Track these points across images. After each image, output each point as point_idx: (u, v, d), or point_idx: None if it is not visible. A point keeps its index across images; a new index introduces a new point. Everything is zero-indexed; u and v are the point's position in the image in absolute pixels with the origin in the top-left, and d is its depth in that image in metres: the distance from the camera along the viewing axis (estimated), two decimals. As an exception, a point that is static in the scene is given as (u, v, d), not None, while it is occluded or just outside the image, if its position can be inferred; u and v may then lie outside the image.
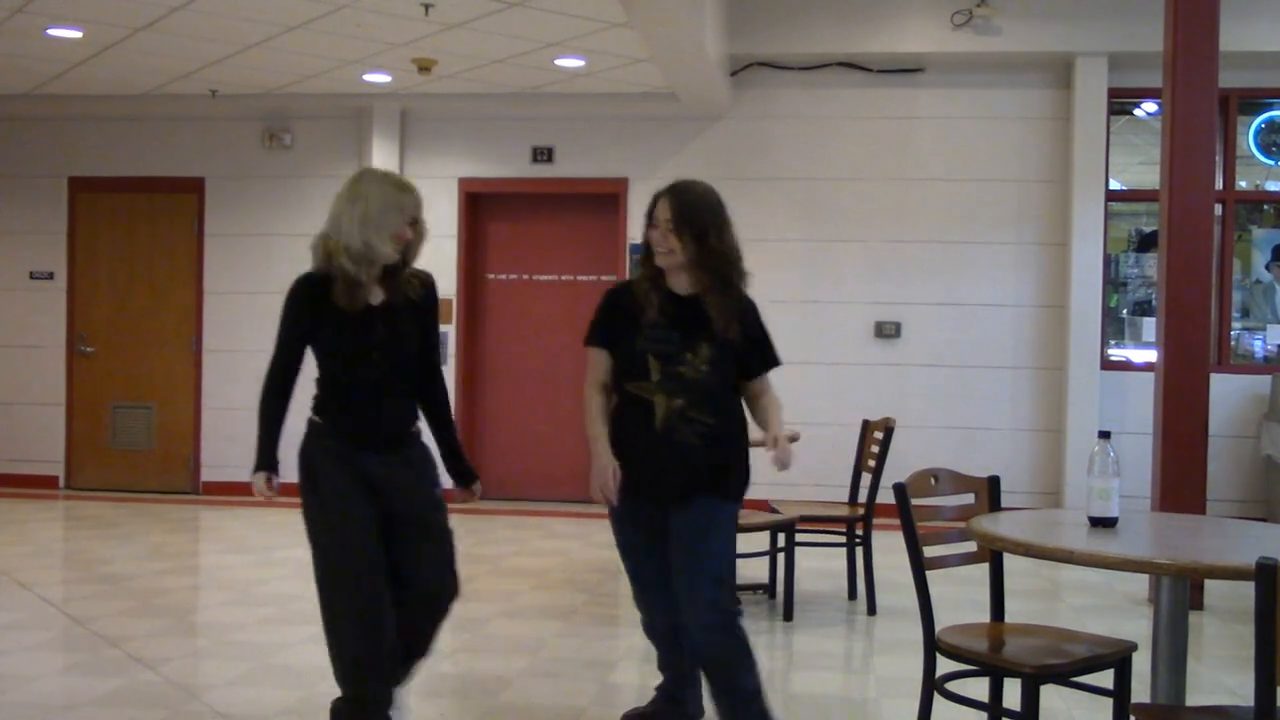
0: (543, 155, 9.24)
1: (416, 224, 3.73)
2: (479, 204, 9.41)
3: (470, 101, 9.03)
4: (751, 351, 3.78)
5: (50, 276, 9.75)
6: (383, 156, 9.20)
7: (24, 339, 9.76)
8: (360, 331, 3.66)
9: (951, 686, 3.50)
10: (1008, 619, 3.75)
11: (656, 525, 3.75)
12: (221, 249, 9.47)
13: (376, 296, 3.70)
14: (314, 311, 3.69)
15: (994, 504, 3.73)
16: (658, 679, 4.85)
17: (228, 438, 9.38)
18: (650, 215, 3.75)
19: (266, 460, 3.72)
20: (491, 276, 9.48)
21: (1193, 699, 3.45)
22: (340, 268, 3.63)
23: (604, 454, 3.71)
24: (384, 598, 3.68)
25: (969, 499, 3.78)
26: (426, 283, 3.85)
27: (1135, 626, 5.34)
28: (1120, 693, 3.40)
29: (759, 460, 8.05)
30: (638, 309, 3.73)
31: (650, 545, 3.79)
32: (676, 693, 4.08)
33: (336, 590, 3.68)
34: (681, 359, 3.65)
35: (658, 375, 3.65)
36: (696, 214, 3.71)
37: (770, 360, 3.84)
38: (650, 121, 9.05)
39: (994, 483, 3.78)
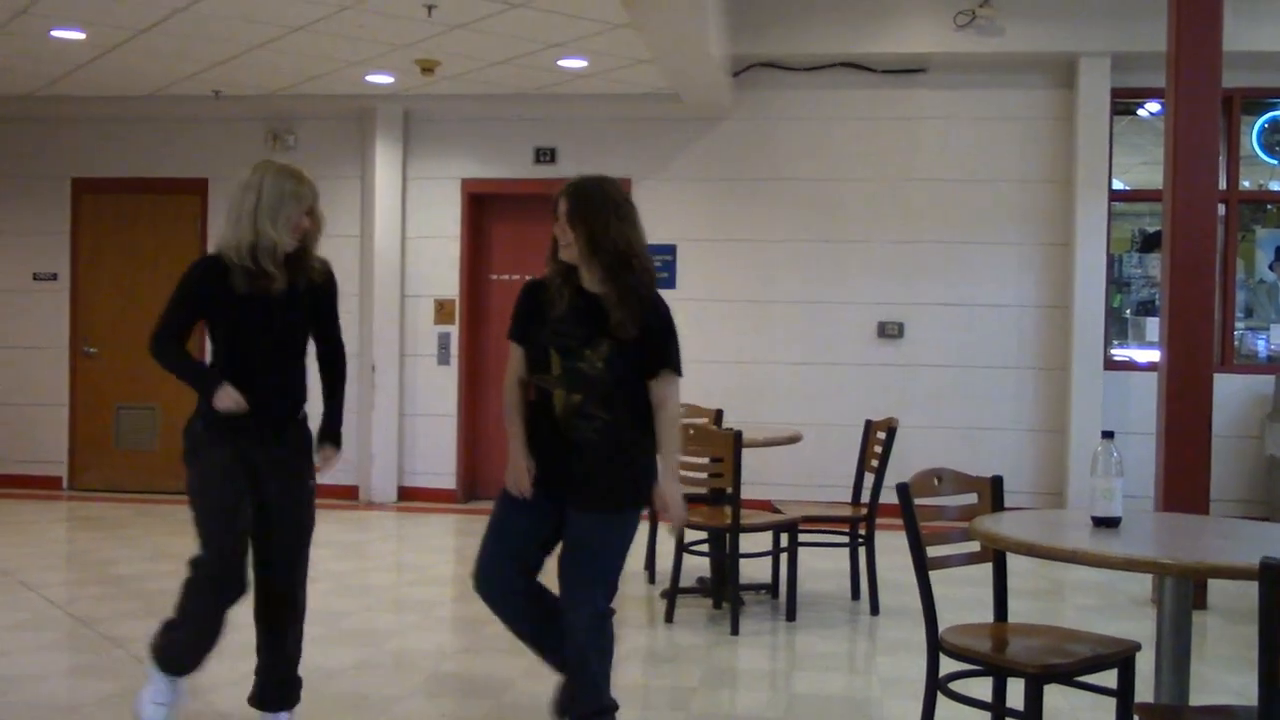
0: (545, 156, 9.24)
1: (313, 214, 3.82)
2: (481, 205, 9.41)
3: (473, 102, 9.03)
4: (649, 352, 3.69)
5: (54, 278, 9.76)
6: (386, 157, 9.21)
7: (28, 340, 9.77)
8: (258, 317, 3.77)
9: (955, 687, 3.50)
10: (1011, 619, 3.74)
11: (548, 514, 3.72)
12: (225, 250, 9.48)
13: (277, 284, 3.77)
14: (210, 295, 3.80)
15: (997, 504, 3.73)
16: (660, 678, 4.85)
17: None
18: (554, 209, 3.77)
19: (214, 381, 3.79)
20: (494, 277, 9.49)
21: (1196, 699, 3.45)
22: (235, 258, 3.74)
23: (518, 452, 3.73)
24: (244, 561, 3.79)
25: (972, 499, 3.78)
26: (325, 271, 3.96)
27: (1138, 626, 5.34)
28: (1124, 693, 3.40)
29: (766, 459, 8.06)
30: (549, 304, 3.73)
31: (532, 529, 3.74)
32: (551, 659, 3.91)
33: (208, 549, 3.76)
34: (580, 355, 3.64)
35: (558, 369, 3.66)
36: (590, 207, 3.74)
37: (666, 360, 3.72)
38: (653, 122, 9.05)
39: (997, 482, 3.78)
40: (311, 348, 4.00)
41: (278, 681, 3.92)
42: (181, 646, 3.87)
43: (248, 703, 3.95)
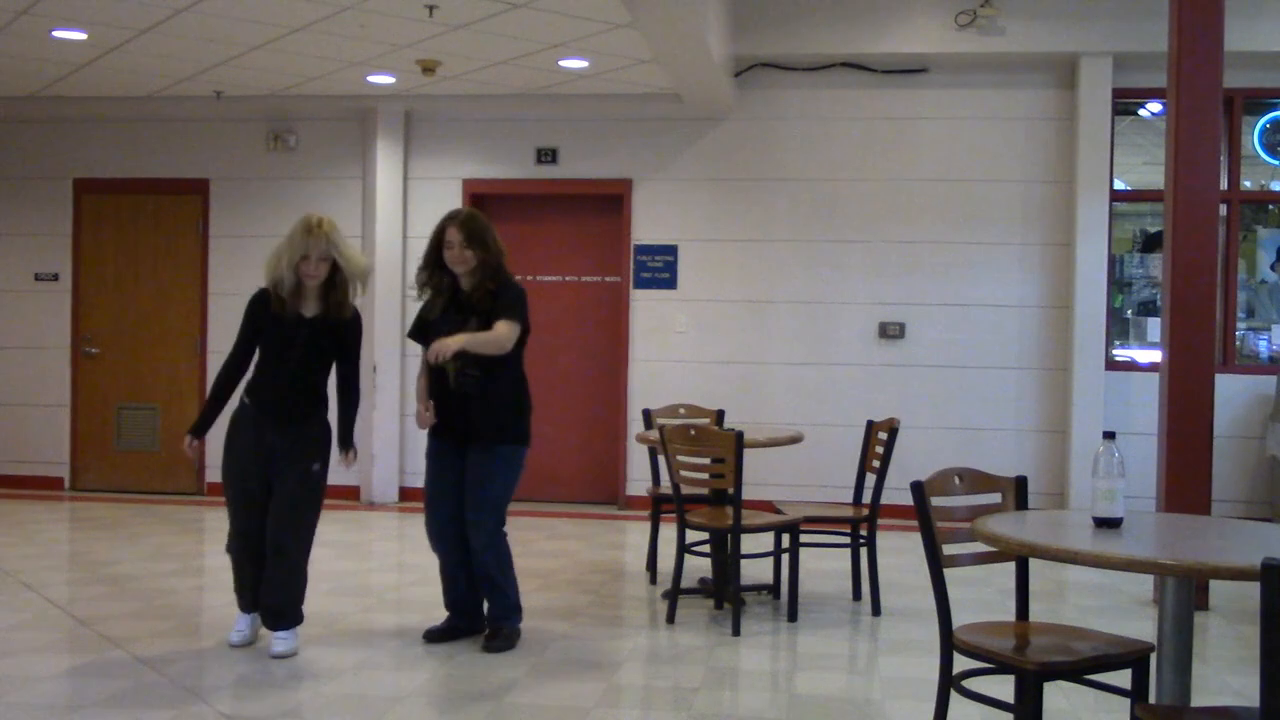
0: (547, 156, 9.24)
1: (308, 260, 4.87)
2: (483, 205, 9.40)
3: (474, 102, 9.03)
4: (496, 312, 5.05)
5: (55, 278, 9.77)
6: (387, 158, 9.21)
7: (29, 340, 9.78)
8: (282, 333, 4.96)
9: (967, 685, 3.49)
10: (1011, 619, 3.74)
11: (453, 461, 5.13)
12: (226, 250, 9.49)
13: (310, 310, 4.99)
14: (255, 316, 5.03)
15: (1021, 504, 3.73)
16: (661, 679, 4.86)
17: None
18: (444, 241, 5.06)
19: (199, 427, 5.10)
20: (495, 277, 9.47)
21: (1198, 700, 3.44)
22: (272, 289, 4.99)
23: (420, 400, 5.20)
24: (261, 526, 5.01)
25: (987, 499, 3.77)
26: (353, 315, 5.07)
27: (1140, 627, 5.33)
28: (1137, 693, 3.39)
29: (767, 459, 8.07)
30: (430, 308, 5.16)
31: (447, 477, 5.14)
32: (456, 618, 5.29)
33: (231, 509, 5.10)
34: (458, 331, 4.94)
35: None
36: (485, 234, 5.10)
37: (503, 312, 5.04)
38: (654, 122, 9.05)
39: (1021, 483, 3.77)
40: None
41: (271, 610, 5.03)
42: (235, 586, 5.18)
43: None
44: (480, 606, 5.27)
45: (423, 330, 5.17)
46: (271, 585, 5.02)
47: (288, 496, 4.97)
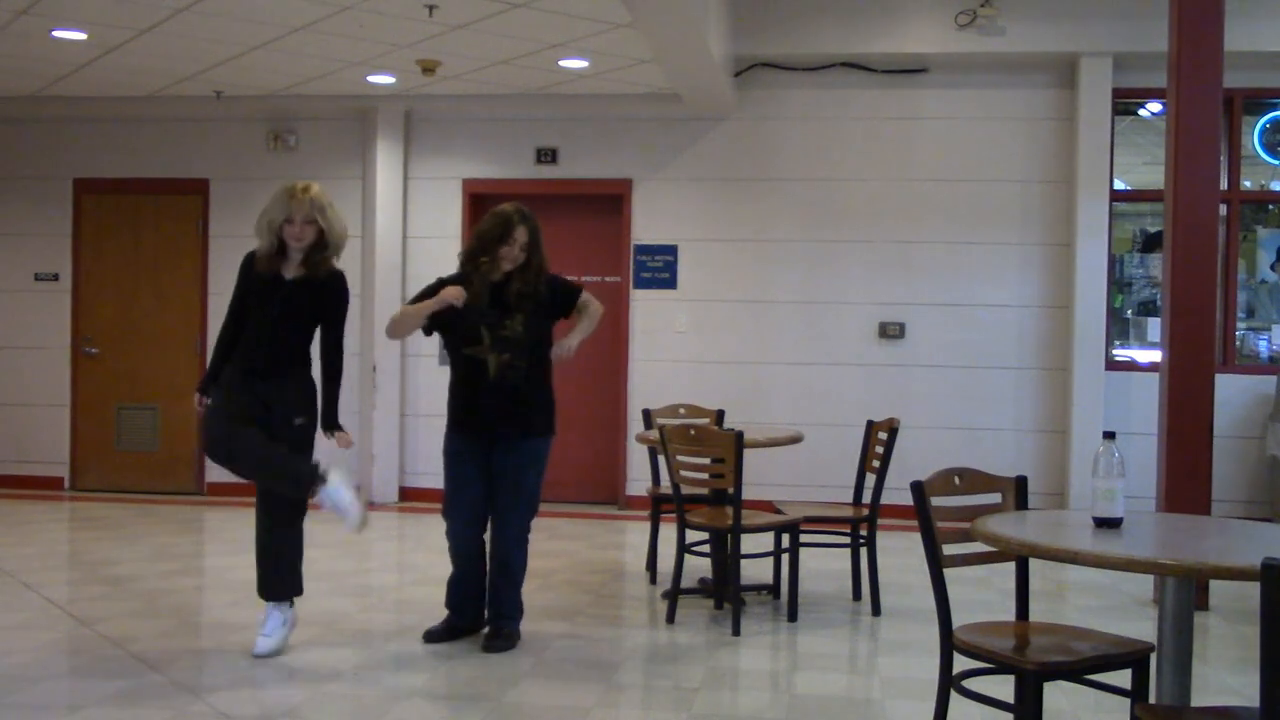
0: (546, 156, 9.24)
1: (292, 222, 4.87)
2: (483, 205, 9.38)
3: (474, 102, 9.03)
4: (559, 302, 5.20)
5: (55, 278, 9.77)
6: (387, 158, 9.21)
7: (29, 340, 9.78)
8: (266, 292, 4.95)
9: (967, 685, 3.49)
10: (1011, 619, 3.74)
11: (479, 460, 5.10)
12: (226, 250, 9.47)
13: (291, 271, 4.96)
14: (245, 276, 5.05)
15: (1021, 504, 3.73)
16: (662, 679, 4.86)
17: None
18: (510, 237, 5.07)
19: (206, 384, 5.07)
20: (495, 277, 9.47)
21: (1198, 700, 3.44)
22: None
23: (430, 303, 5.06)
24: (259, 439, 4.90)
25: (987, 499, 3.77)
26: (333, 275, 4.99)
27: (1140, 627, 5.33)
28: (1137, 693, 3.39)
29: (767, 459, 8.07)
30: (479, 296, 5.07)
31: (471, 475, 5.11)
32: (456, 618, 5.25)
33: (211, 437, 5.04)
34: (503, 325, 5.02)
35: (489, 339, 5.02)
36: (538, 235, 5.17)
37: (575, 294, 5.27)
38: (654, 122, 9.05)
39: (1021, 483, 3.77)
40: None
41: (263, 576, 5.01)
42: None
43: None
44: (483, 606, 5.25)
45: (446, 316, 5.05)
46: (265, 548, 5.02)
47: (276, 436, 4.90)
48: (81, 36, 7.36)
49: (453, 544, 5.21)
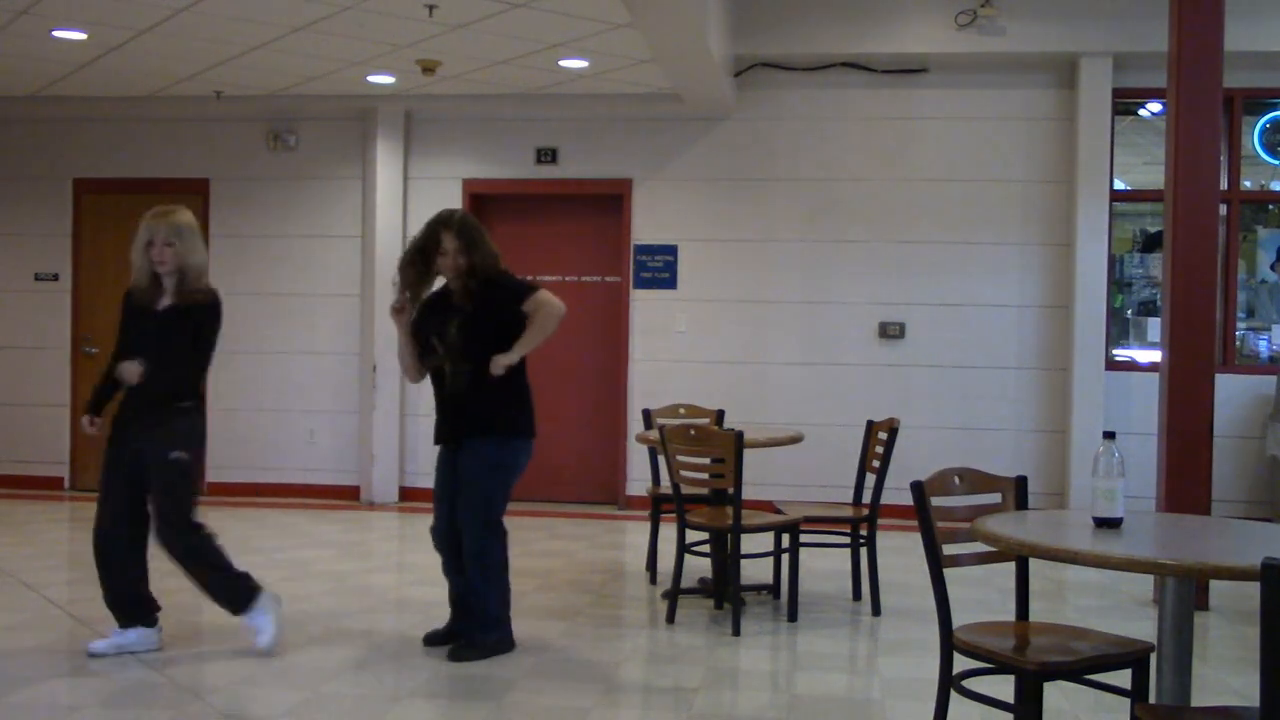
0: (547, 156, 9.24)
1: (172, 246, 4.87)
2: (483, 205, 9.40)
3: (474, 102, 9.03)
4: (507, 305, 5.00)
5: (55, 278, 9.77)
6: (387, 158, 9.21)
7: (29, 340, 9.78)
8: (140, 324, 4.92)
9: (967, 685, 3.49)
10: (1012, 619, 3.74)
11: (452, 465, 5.06)
12: (226, 250, 9.47)
13: (163, 302, 4.92)
14: (124, 311, 5.02)
15: (1020, 504, 3.73)
16: (662, 679, 4.86)
17: (232, 439, 9.41)
18: (440, 248, 4.98)
19: (93, 406, 5.13)
20: (495, 277, 9.46)
21: (1198, 700, 3.44)
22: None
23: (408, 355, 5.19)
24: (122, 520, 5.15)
25: (987, 499, 3.77)
26: (206, 300, 5.00)
27: (1140, 627, 5.33)
28: (1137, 693, 3.39)
29: (767, 459, 8.06)
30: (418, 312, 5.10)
31: (445, 479, 5.08)
32: (462, 619, 5.15)
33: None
34: (447, 332, 4.96)
35: (440, 348, 5.00)
36: (474, 238, 5.04)
37: (519, 291, 5.07)
38: (654, 122, 9.05)
39: (1021, 483, 3.77)
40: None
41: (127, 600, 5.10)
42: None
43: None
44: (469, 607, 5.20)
45: (416, 332, 5.12)
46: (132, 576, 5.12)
47: (156, 485, 4.96)
48: (81, 36, 7.36)
49: (434, 543, 5.20)
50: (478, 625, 5.05)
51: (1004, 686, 3.54)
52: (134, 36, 7.30)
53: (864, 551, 6.03)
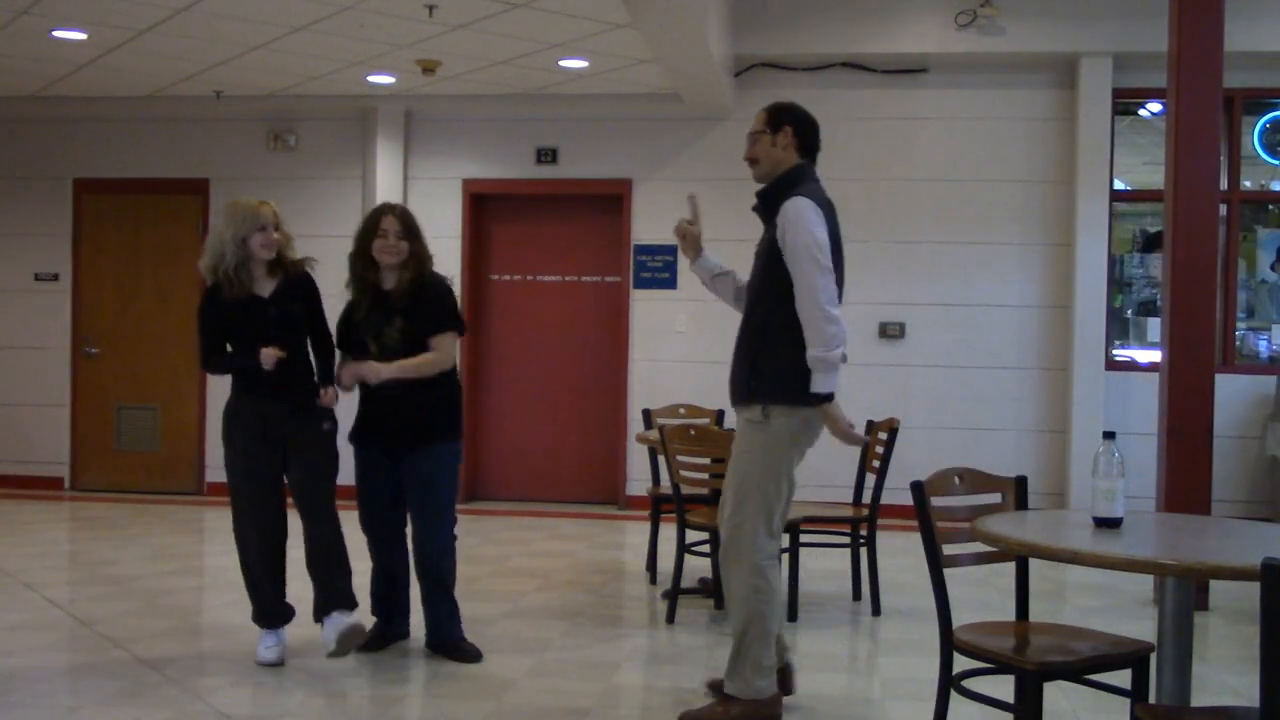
0: (546, 156, 9.24)
1: (279, 232, 4.88)
2: (483, 205, 9.41)
3: (474, 103, 9.03)
4: (429, 318, 4.88)
5: (55, 278, 9.76)
6: (387, 158, 9.21)
7: (29, 340, 9.77)
8: (256, 317, 4.79)
9: (967, 685, 3.49)
10: (1012, 619, 3.74)
11: (386, 466, 4.89)
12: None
13: (265, 289, 4.85)
14: (219, 316, 4.83)
15: (1020, 504, 3.73)
16: (662, 680, 4.86)
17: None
18: (379, 228, 4.85)
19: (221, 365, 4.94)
20: (495, 277, 9.49)
21: (1198, 700, 3.44)
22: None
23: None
24: (277, 514, 4.89)
25: (987, 499, 3.77)
26: (303, 270, 4.96)
27: (1140, 627, 5.33)
28: (1137, 693, 3.39)
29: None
30: (354, 310, 4.94)
31: (381, 481, 4.91)
32: (386, 625, 5.08)
33: (239, 507, 4.94)
34: (385, 334, 4.83)
35: (375, 350, 4.84)
36: (414, 225, 4.94)
37: (441, 322, 4.90)
38: (654, 122, 9.05)
39: (1021, 483, 3.77)
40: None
41: (336, 590, 4.83)
42: (258, 608, 4.96)
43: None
44: (406, 608, 5.12)
45: (348, 334, 4.97)
46: (322, 561, 4.81)
47: (307, 466, 4.82)
48: (81, 36, 7.36)
49: (365, 532, 5.03)
50: (451, 627, 4.98)
51: (1004, 686, 3.55)
52: (134, 36, 7.30)
53: (864, 551, 6.03)
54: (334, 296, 5.05)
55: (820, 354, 3.98)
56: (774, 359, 4.08)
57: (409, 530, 4.99)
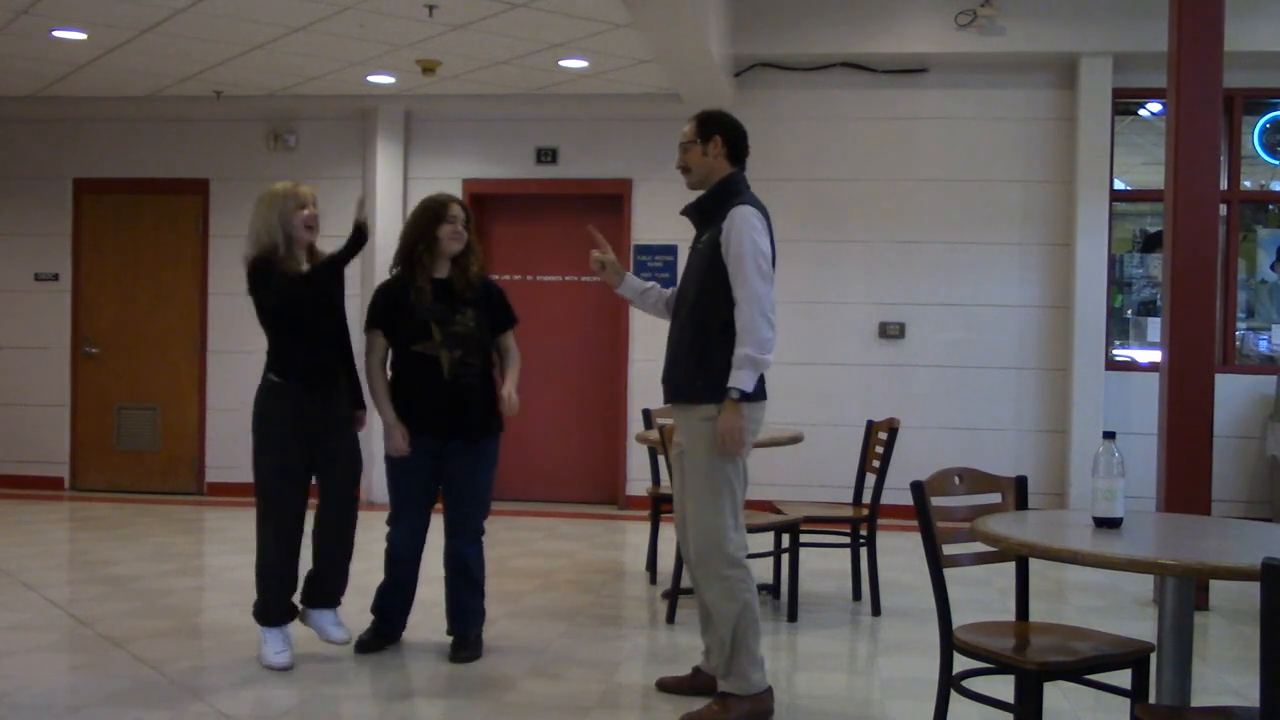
0: (546, 156, 9.24)
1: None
2: (483, 205, 9.41)
3: (474, 103, 9.03)
4: (498, 313, 5.03)
5: (55, 278, 9.76)
6: (387, 158, 9.21)
7: (29, 340, 9.77)
8: (319, 290, 4.74)
9: (967, 685, 3.49)
10: (1012, 619, 3.74)
11: (427, 462, 4.86)
12: (226, 250, 9.47)
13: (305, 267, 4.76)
14: (276, 281, 4.69)
15: (1021, 504, 3.73)
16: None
17: (232, 439, 9.40)
18: (448, 214, 4.87)
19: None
20: (495, 277, 9.42)
21: (1198, 700, 3.44)
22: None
23: (393, 419, 4.84)
24: (301, 513, 4.82)
25: (988, 499, 3.77)
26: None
27: (1140, 627, 5.33)
28: (1137, 693, 3.39)
29: (767, 459, 8.05)
30: (408, 294, 4.84)
31: (424, 474, 4.89)
32: (387, 626, 5.08)
33: (266, 506, 4.79)
34: (454, 321, 4.83)
35: (439, 336, 4.81)
36: (471, 218, 4.99)
37: (511, 319, 5.10)
38: (654, 122, 9.04)
39: (1021, 483, 3.77)
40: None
41: (329, 590, 4.92)
42: (273, 602, 4.88)
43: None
44: (408, 608, 5.12)
45: (391, 319, 4.87)
46: (331, 550, 4.85)
47: (341, 448, 4.81)
48: (81, 36, 7.35)
49: (394, 550, 5.00)
50: (473, 620, 5.00)
51: (1004, 686, 3.55)
52: (134, 36, 7.30)
53: (864, 551, 6.03)
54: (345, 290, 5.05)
55: (754, 354, 4.07)
56: (722, 356, 4.14)
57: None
